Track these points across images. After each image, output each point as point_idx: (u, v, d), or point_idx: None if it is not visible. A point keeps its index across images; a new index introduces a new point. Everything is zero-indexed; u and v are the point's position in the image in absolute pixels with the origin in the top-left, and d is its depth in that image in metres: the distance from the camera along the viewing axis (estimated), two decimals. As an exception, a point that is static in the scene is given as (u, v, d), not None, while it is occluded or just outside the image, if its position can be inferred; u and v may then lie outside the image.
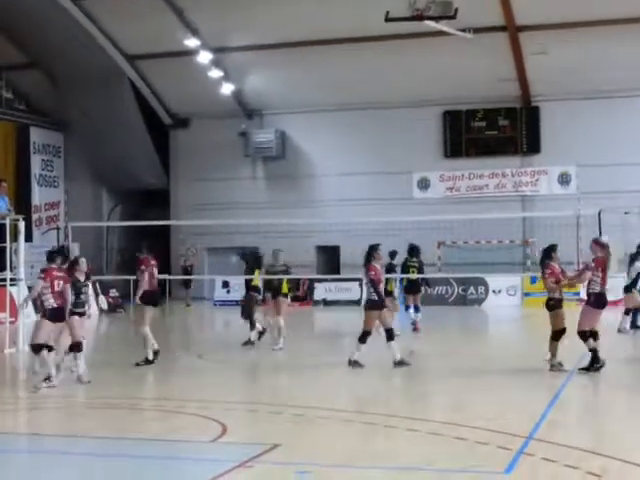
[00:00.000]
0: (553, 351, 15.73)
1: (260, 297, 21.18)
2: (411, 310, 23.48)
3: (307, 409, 12.22)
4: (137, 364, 16.91)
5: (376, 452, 9.76)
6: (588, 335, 15.24)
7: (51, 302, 14.52)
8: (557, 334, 15.78)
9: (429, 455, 9.49)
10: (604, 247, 15.86)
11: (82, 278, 15.13)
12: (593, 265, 15.59)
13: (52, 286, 14.53)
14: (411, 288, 23.76)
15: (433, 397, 13.74)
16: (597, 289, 15.49)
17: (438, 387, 14.67)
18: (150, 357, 17.07)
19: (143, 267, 17.56)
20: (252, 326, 20.56)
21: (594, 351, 15.22)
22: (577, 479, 8.51)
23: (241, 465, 9.04)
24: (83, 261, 15.41)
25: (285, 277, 20.47)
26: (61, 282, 14.66)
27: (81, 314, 14.99)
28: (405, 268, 23.75)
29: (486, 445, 9.74)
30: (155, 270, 17.71)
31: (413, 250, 24.12)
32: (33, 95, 39.28)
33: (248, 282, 21.21)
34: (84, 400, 13.42)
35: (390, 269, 22.45)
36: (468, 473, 8.72)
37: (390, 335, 16.09)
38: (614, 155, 34.57)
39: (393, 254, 23.14)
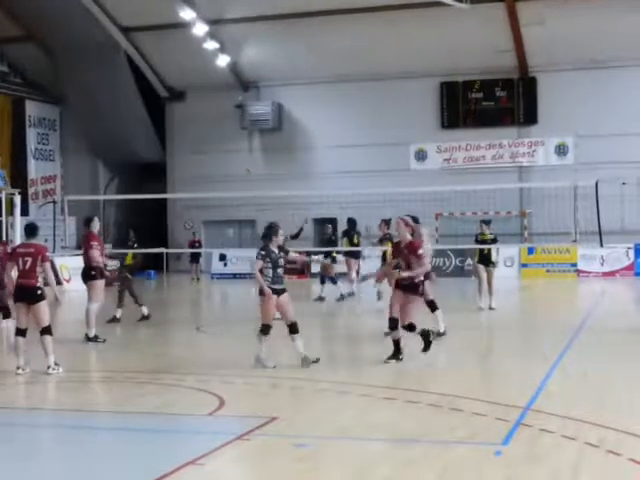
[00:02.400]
0: None
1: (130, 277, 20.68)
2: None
3: (305, 382, 12.21)
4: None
5: (374, 424, 9.75)
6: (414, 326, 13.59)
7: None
8: None
9: (427, 427, 9.48)
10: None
11: (276, 250, 13.57)
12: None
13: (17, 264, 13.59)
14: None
15: (431, 369, 13.71)
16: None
17: (436, 359, 14.65)
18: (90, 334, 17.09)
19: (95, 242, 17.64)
20: (120, 303, 20.28)
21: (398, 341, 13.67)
22: (575, 450, 8.51)
23: (239, 438, 9.03)
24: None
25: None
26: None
27: (279, 291, 13.34)
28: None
29: (484, 416, 9.74)
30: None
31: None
32: (29, 68, 39.13)
33: (123, 261, 20.87)
34: (82, 374, 13.40)
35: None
36: (466, 445, 8.73)
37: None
38: (612, 126, 34.53)
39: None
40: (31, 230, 13.97)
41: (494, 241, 22.01)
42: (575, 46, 34.12)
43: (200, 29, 35.29)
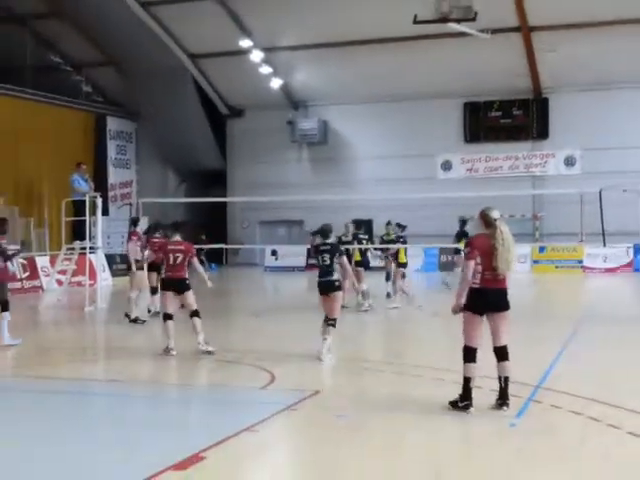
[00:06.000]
0: None
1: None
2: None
3: (345, 361, 12.23)
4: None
5: (405, 399, 9.74)
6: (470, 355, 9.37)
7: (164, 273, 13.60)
8: None
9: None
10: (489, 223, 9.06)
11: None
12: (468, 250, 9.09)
13: (167, 259, 13.22)
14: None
15: (454, 351, 13.68)
16: (477, 282, 9.03)
17: (458, 343, 14.61)
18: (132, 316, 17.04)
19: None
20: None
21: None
22: (580, 423, 8.47)
23: (288, 408, 9.07)
24: None
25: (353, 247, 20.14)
26: (179, 255, 13.14)
27: None
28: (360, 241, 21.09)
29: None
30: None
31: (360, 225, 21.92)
32: (109, 89, 39.43)
33: None
34: (153, 351, 13.46)
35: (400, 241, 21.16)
36: (484, 417, 8.71)
37: None
38: (615, 140, 34.30)
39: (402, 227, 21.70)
40: (176, 227, 13.87)
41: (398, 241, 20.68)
42: (583, 70, 33.87)
43: (256, 56, 35.43)
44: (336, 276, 12.38)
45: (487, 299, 9.05)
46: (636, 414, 8.72)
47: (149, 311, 18.00)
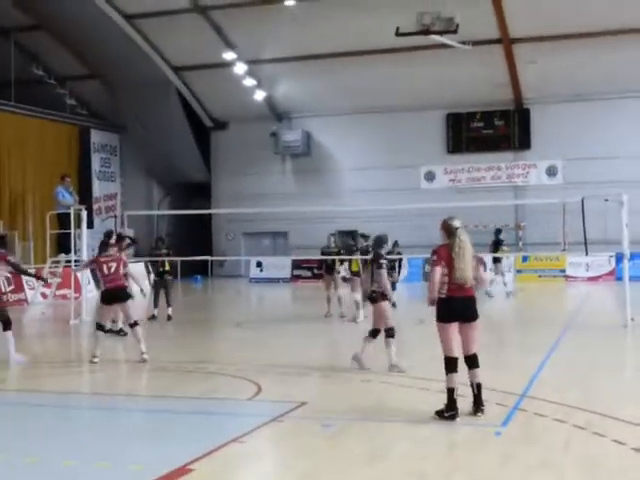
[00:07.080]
0: None
1: None
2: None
3: (331, 371, 12.20)
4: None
5: (391, 408, 9.73)
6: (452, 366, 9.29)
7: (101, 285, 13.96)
8: None
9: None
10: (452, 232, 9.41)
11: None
12: (435, 258, 9.21)
13: (101, 270, 13.65)
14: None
15: (439, 360, 13.69)
16: (443, 292, 9.07)
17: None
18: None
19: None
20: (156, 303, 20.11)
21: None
22: (565, 431, 8.47)
23: (274, 420, 9.04)
24: None
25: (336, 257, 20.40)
26: (113, 265, 13.61)
27: None
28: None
29: (485, 402, 9.68)
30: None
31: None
32: (93, 102, 39.36)
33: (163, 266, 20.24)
34: (137, 364, 13.40)
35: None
36: (470, 426, 8.70)
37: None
38: (596, 150, 34.47)
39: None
40: (118, 239, 14.23)
41: (338, 253, 21.66)
42: (563, 82, 34.04)
43: (240, 68, 35.42)
44: (375, 286, 12.19)
45: (454, 308, 9.09)
46: (621, 422, 8.73)
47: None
